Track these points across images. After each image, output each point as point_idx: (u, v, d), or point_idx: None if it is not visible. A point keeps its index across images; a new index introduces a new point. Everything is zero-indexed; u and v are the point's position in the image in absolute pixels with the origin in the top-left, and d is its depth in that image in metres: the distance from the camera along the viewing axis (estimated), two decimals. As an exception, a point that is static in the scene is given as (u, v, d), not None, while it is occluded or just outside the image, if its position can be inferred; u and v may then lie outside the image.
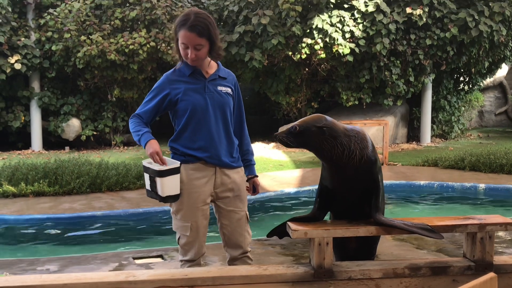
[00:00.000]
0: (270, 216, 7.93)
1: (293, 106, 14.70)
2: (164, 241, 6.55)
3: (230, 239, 3.66)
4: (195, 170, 3.52)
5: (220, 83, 3.59)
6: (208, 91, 3.52)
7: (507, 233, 6.06)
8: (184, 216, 3.54)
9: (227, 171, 3.60)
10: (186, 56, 3.46)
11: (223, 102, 3.56)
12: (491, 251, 3.49)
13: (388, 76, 13.46)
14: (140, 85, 14.35)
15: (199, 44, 3.41)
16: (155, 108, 3.55)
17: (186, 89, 3.50)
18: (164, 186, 3.39)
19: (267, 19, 12.90)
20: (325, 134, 3.40)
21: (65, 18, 13.57)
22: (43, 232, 7.01)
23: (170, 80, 3.56)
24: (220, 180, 3.57)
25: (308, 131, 3.42)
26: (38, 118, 14.35)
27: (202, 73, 3.55)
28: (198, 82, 3.53)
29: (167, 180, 3.38)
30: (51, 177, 8.67)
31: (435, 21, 13.43)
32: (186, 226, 3.54)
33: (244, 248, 3.68)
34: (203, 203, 3.55)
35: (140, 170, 9.14)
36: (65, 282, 3.06)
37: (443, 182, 9.28)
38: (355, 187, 3.53)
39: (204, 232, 3.59)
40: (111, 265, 5.08)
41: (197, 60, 3.47)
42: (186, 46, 3.42)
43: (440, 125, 15.56)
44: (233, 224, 3.64)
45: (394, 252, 5.37)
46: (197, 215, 3.53)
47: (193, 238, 3.55)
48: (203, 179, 3.53)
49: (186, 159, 3.52)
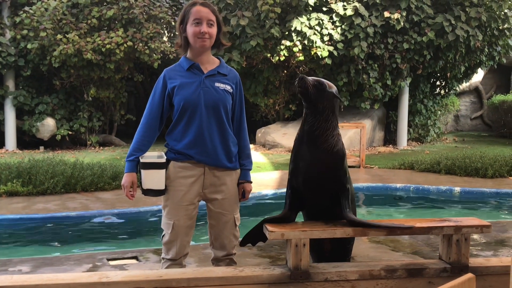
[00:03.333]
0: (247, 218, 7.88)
1: (271, 108, 14.70)
2: (139, 243, 6.47)
3: (216, 239, 3.63)
4: (183, 168, 3.47)
5: (219, 80, 3.52)
6: (203, 86, 3.46)
7: (482, 236, 6.11)
8: (168, 214, 3.52)
9: (218, 173, 3.52)
10: (197, 33, 3.42)
11: (218, 99, 3.47)
12: (466, 253, 3.50)
13: (365, 80, 13.52)
14: (116, 85, 14.22)
15: (211, 20, 3.45)
16: (160, 104, 3.52)
17: (182, 83, 3.46)
18: (146, 179, 3.41)
19: (246, 21, 12.88)
20: (334, 103, 3.54)
21: (41, 16, 13.39)
22: (16, 233, 6.88)
23: (169, 73, 3.53)
24: (210, 181, 3.51)
25: (330, 94, 3.53)
26: (13, 117, 14.14)
27: (201, 68, 3.50)
28: (194, 76, 3.48)
29: (149, 173, 3.40)
30: (24, 177, 8.53)
31: (413, 25, 13.54)
32: (169, 224, 3.51)
33: (228, 250, 3.64)
34: (188, 202, 3.49)
35: (116, 170, 9.05)
36: (36, 283, 2.99)
37: (419, 185, 9.34)
38: (325, 177, 3.51)
39: (186, 232, 3.53)
40: (84, 266, 4.99)
41: (208, 40, 3.46)
42: (199, 21, 3.42)
43: (416, 129, 15.69)
44: (220, 225, 3.59)
45: (370, 254, 5.37)
46: (180, 214, 3.48)
47: (174, 237, 3.50)
48: (191, 178, 3.48)
49: (176, 157, 3.48)
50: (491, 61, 15.28)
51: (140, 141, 3.53)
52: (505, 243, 5.90)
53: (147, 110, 3.55)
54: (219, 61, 3.61)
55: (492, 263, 3.59)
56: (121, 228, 7.18)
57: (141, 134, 3.54)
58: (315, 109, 3.49)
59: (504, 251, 5.56)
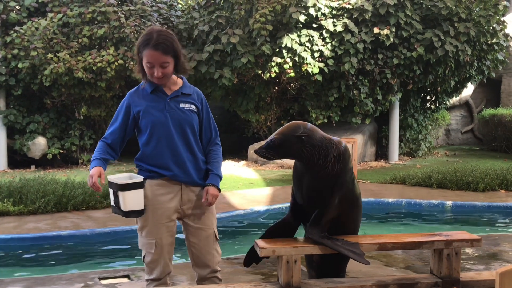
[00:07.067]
0: (240, 235, 7.88)
1: (263, 124, 14.73)
2: (131, 261, 6.45)
3: (199, 257, 3.61)
4: (160, 186, 3.48)
5: (183, 100, 3.56)
6: (168, 108, 3.49)
7: (474, 250, 6.12)
8: (149, 233, 3.48)
9: (194, 188, 3.56)
10: (152, 75, 3.43)
11: (184, 119, 3.51)
12: (457, 268, 3.51)
13: (356, 95, 13.59)
14: (108, 103, 14.22)
15: (165, 62, 3.40)
16: (122, 127, 3.53)
17: (147, 106, 3.48)
18: (126, 201, 3.35)
19: (237, 38, 12.95)
20: (303, 143, 3.41)
21: (32, 35, 13.40)
22: (7, 253, 6.84)
23: (132, 98, 3.54)
24: (187, 196, 3.53)
25: (287, 142, 3.44)
26: (4, 136, 14.09)
27: (164, 90, 3.52)
28: (159, 99, 3.51)
29: (129, 195, 3.35)
30: (15, 196, 8.49)
31: (402, 41, 13.65)
32: (151, 243, 3.48)
33: (212, 267, 3.62)
34: (168, 219, 3.50)
35: (107, 189, 8.98)
36: (26, 304, 2.97)
37: (410, 200, 9.35)
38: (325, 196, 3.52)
39: (169, 249, 3.53)
40: (76, 285, 4.97)
41: (164, 78, 3.45)
42: (152, 65, 3.40)
43: (407, 143, 15.74)
44: (201, 242, 3.59)
45: (363, 269, 5.36)
46: (162, 231, 3.48)
47: (158, 255, 3.49)
48: (168, 195, 3.49)
49: (151, 175, 3.48)
50: (481, 75, 15.38)
51: (104, 151, 3.51)
52: (497, 256, 5.92)
53: (110, 131, 3.54)
54: (182, 81, 3.63)
55: (483, 277, 3.60)
56: (113, 247, 7.14)
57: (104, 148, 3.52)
58: (295, 157, 3.50)
59: (496, 264, 5.57)
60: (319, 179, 3.48)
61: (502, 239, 6.67)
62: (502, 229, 8.07)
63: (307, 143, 3.43)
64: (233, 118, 17.14)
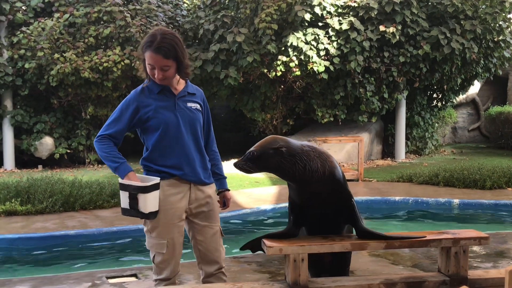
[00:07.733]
0: (246, 234, 7.88)
1: (268, 123, 14.73)
2: (138, 260, 6.46)
3: (206, 255, 3.62)
4: (170, 186, 3.49)
5: (190, 100, 3.59)
6: (178, 108, 3.51)
7: (482, 248, 6.10)
8: (160, 234, 3.48)
9: (200, 187, 3.58)
10: (153, 76, 3.45)
11: (194, 118, 3.55)
12: (465, 266, 3.50)
13: (362, 93, 13.57)
14: (114, 103, 14.23)
15: (165, 66, 3.40)
16: (126, 129, 3.52)
17: (157, 106, 3.48)
18: (148, 202, 3.33)
19: (242, 37, 12.95)
20: (283, 155, 3.42)
21: (38, 36, 13.45)
22: (15, 252, 6.87)
23: (140, 98, 3.52)
24: (195, 195, 3.55)
25: (265, 154, 3.45)
26: (11, 136, 14.15)
27: (171, 90, 3.53)
28: (168, 99, 3.51)
29: (150, 196, 3.34)
30: (23, 196, 8.52)
31: (408, 39, 13.62)
32: (162, 244, 3.48)
33: (219, 263, 3.65)
34: (179, 219, 3.51)
35: (114, 188, 9.02)
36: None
37: (417, 198, 9.33)
38: (327, 200, 3.53)
39: (180, 249, 3.55)
40: (84, 285, 4.98)
41: (165, 80, 3.46)
42: (153, 67, 3.42)
43: (414, 141, 15.70)
44: (208, 239, 3.61)
45: (370, 267, 5.37)
46: (173, 232, 3.49)
47: (169, 255, 3.50)
48: (179, 195, 3.50)
49: (161, 176, 3.48)
50: (487, 73, 15.33)
51: (112, 148, 3.47)
52: (505, 254, 5.90)
53: (116, 131, 3.49)
54: (185, 81, 3.63)
55: (491, 275, 3.59)
56: (120, 246, 7.16)
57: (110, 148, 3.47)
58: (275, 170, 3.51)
59: (503, 262, 5.56)
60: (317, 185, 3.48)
61: (510, 237, 6.65)
62: (510, 227, 8.04)
63: (286, 154, 3.43)
64: (239, 117, 17.15)
